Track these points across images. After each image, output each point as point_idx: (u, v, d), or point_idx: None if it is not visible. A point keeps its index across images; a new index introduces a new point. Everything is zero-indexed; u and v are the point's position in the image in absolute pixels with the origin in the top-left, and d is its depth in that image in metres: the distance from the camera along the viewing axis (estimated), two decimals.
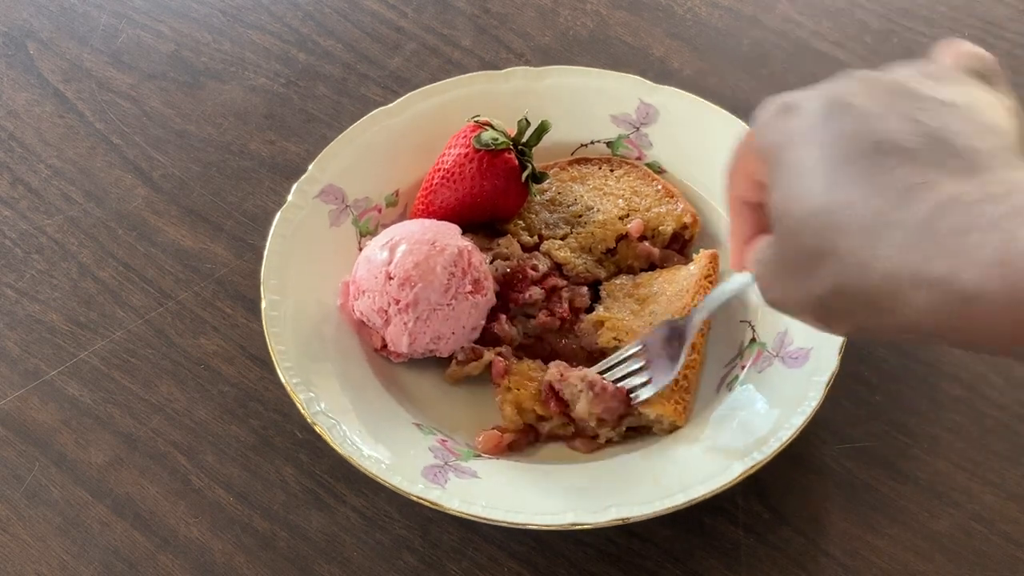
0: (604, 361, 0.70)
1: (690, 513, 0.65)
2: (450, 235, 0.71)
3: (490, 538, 0.66)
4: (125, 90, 0.91)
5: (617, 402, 0.68)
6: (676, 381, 0.68)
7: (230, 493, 0.69)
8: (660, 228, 0.76)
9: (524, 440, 0.69)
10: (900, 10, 0.95)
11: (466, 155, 0.74)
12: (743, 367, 0.70)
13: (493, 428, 0.69)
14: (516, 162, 0.75)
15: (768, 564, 0.66)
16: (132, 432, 0.72)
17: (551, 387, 0.69)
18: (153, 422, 0.72)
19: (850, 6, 0.96)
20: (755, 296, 0.53)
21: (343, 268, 0.74)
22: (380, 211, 0.78)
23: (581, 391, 0.68)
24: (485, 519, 0.61)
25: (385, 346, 0.71)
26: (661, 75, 0.89)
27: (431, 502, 0.62)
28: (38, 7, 0.97)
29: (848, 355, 0.66)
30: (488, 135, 0.74)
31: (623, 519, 0.61)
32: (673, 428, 0.68)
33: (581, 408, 0.67)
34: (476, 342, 0.71)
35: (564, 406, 0.68)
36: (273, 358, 0.67)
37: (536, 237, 0.76)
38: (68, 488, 0.69)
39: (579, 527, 0.61)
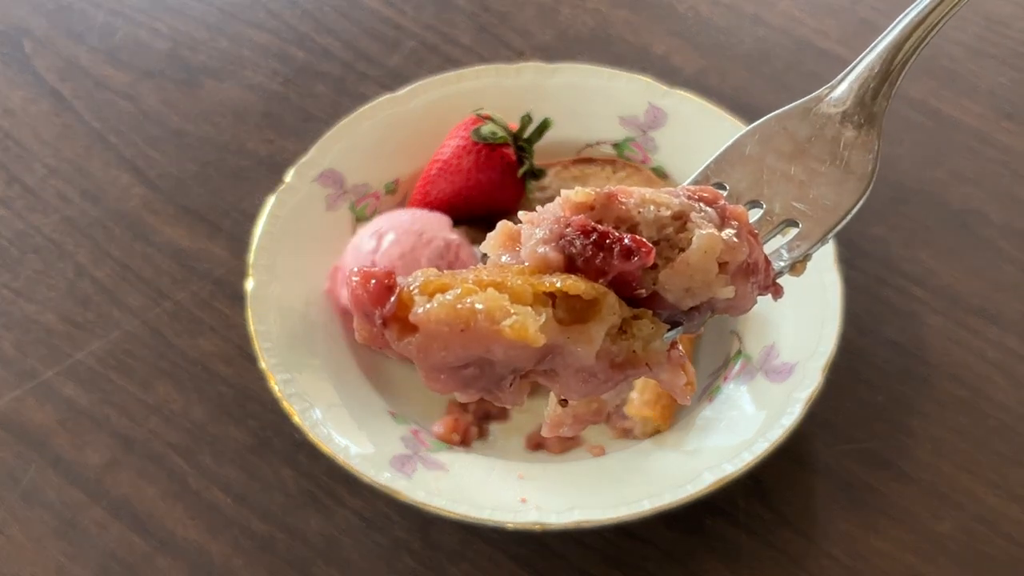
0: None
1: (691, 514, 0.65)
2: (439, 227, 0.71)
3: (490, 540, 0.66)
4: (122, 88, 0.90)
5: (762, 258, 0.38)
6: None
7: (228, 495, 0.68)
8: None
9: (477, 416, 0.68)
10: (903, 7, 0.95)
11: (464, 147, 0.74)
12: (726, 378, 0.69)
13: (447, 415, 0.69)
14: (514, 157, 0.74)
15: (769, 565, 0.65)
16: (129, 433, 0.71)
17: (588, 207, 0.36)
18: (150, 423, 0.71)
19: (852, 4, 0.95)
20: None
21: (336, 253, 0.73)
22: (378, 198, 0.77)
23: (690, 214, 0.36)
24: (447, 512, 0.61)
25: None
26: (662, 74, 0.88)
27: (394, 491, 0.61)
28: (34, 4, 0.97)
29: (850, 356, 0.66)
30: (487, 128, 0.73)
31: (585, 522, 0.60)
32: (655, 432, 0.67)
33: (701, 246, 0.35)
34: None
35: (628, 258, 0.35)
36: (253, 340, 0.67)
37: None
38: (64, 489, 0.69)
39: (541, 527, 0.61)
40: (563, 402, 0.39)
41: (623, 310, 0.35)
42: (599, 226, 0.35)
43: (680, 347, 0.37)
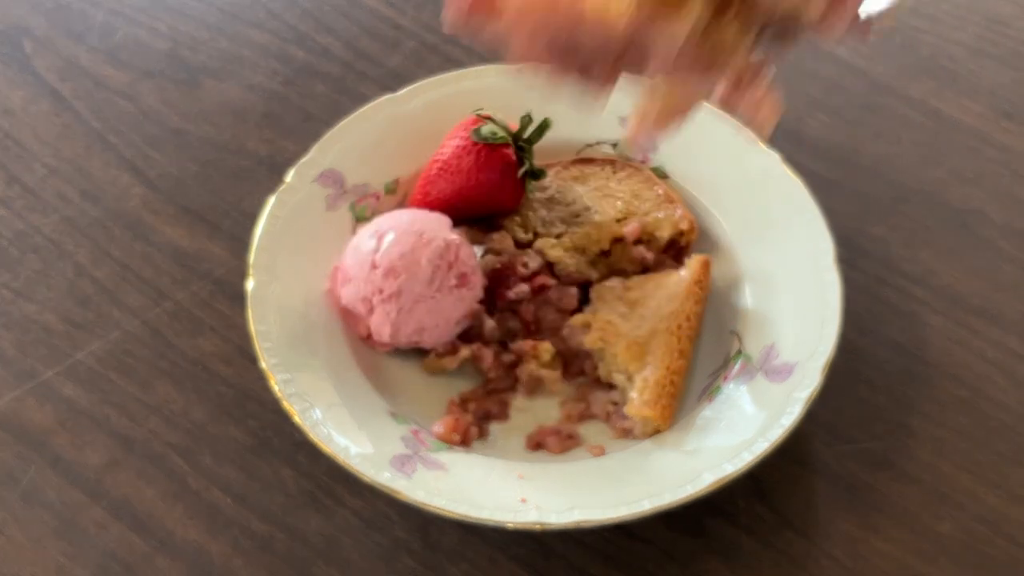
0: None
1: (691, 514, 0.65)
2: (439, 227, 0.71)
3: (490, 540, 0.66)
4: (122, 88, 0.90)
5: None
6: (662, 386, 0.68)
7: (228, 495, 0.68)
8: (656, 233, 0.75)
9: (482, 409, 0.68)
10: (902, 6, 0.95)
11: (464, 147, 0.74)
12: (726, 378, 0.69)
13: (447, 415, 0.69)
14: (514, 157, 0.74)
15: (769, 566, 0.65)
16: (129, 433, 0.71)
17: None
18: (150, 423, 0.71)
19: None
20: None
21: (336, 254, 0.73)
22: (378, 198, 0.77)
23: None
24: (447, 512, 0.61)
25: (370, 335, 0.71)
26: None
27: (394, 491, 0.61)
28: (33, 4, 0.97)
29: (850, 356, 0.66)
30: (487, 128, 0.74)
31: (585, 522, 0.60)
32: (655, 432, 0.67)
33: None
34: (460, 336, 0.71)
35: None
36: (253, 340, 0.67)
37: (531, 234, 0.76)
38: (64, 490, 0.69)
39: (541, 527, 0.60)
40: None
41: (712, 5, 0.37)
42: None
43: (772, 68, 0.40)
